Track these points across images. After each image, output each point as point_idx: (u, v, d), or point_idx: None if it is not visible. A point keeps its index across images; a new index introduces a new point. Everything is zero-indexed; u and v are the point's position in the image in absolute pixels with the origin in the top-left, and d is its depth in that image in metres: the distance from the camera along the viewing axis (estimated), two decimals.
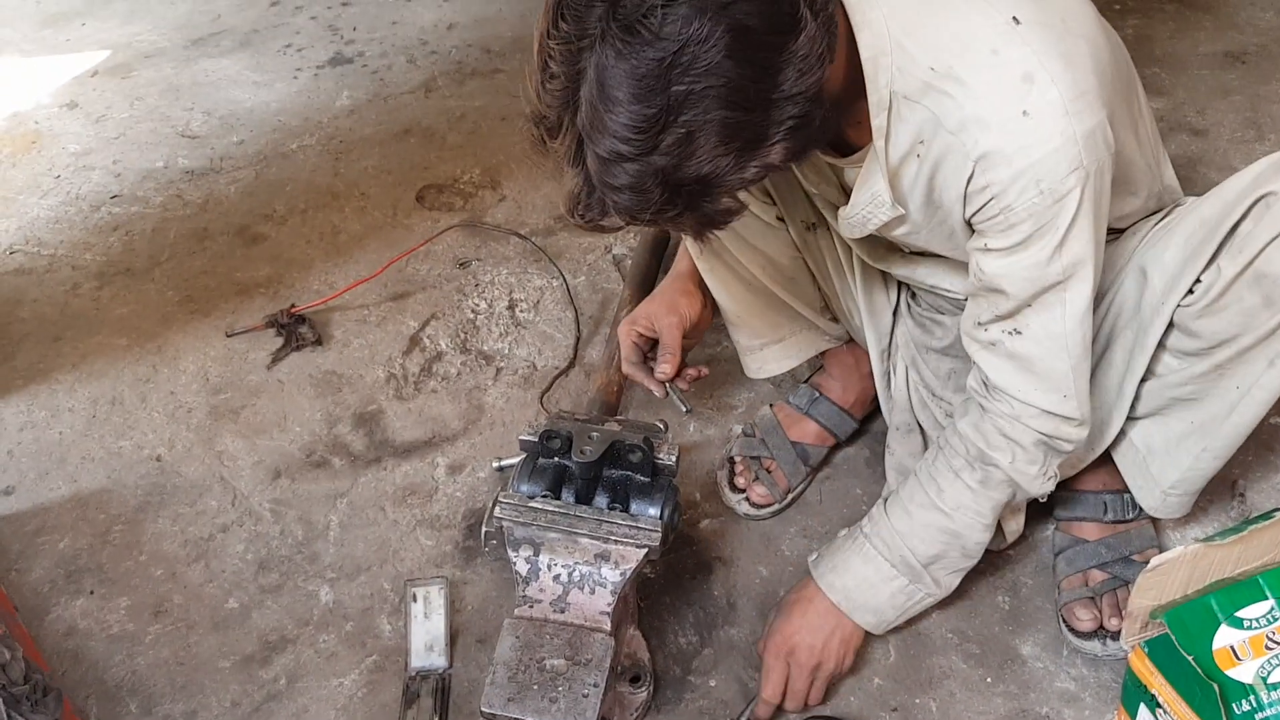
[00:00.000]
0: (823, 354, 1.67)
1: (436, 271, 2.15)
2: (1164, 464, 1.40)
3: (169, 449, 1.83)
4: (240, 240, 2.27)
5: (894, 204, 1.17)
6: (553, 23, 0.96)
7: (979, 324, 1.24)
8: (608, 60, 0.94)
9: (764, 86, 0.97)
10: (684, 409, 1.54)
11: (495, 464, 1.72)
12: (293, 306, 2.03)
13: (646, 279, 1.98)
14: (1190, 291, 1.22)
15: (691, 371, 1.54)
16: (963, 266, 1.35)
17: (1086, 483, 1.53)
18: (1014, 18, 1.07)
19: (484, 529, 1.53)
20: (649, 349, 1.55)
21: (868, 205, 1.19)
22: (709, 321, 1.59)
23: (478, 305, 2.07)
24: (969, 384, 1.32)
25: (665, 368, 1.50)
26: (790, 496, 1.66)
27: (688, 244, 1.53)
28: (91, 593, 1.61)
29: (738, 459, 1.68)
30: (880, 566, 1.38)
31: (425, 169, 2.43)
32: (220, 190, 2.41)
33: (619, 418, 1.53)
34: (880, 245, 1.39)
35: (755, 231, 1.47)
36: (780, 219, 1.48)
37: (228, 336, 2.03)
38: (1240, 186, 1.18)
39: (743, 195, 1.38)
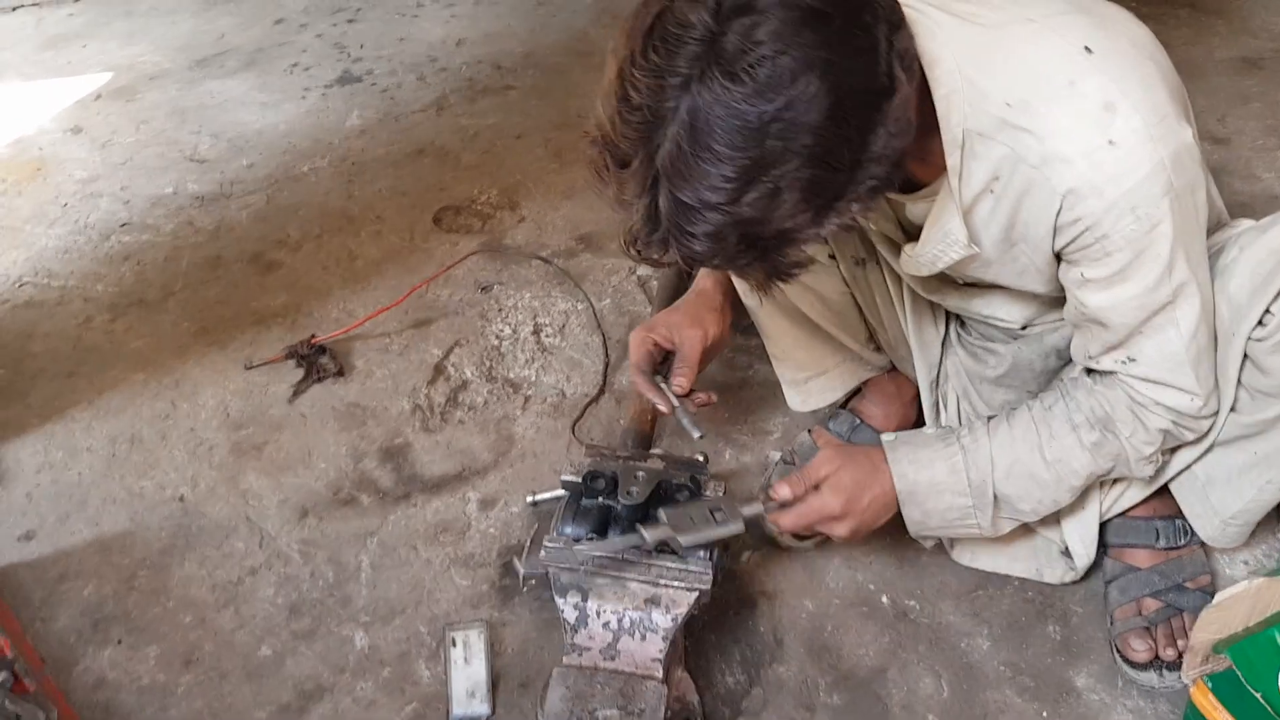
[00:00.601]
0: (863, 381, 1.63)
1: (458, 296, 2.11)
2: (1225, 494, 1.37)
3: (192, 488, 1.79)
4: (255, 268, 2.23)
5: (969, 243, 1.14)
6: (641, 52, 0.92)
7: (1090, 357, 1.22)
8: (704, 104, 0.90)
9: (855, 147, 0.94)
10: (696, 434, 1.42)
11: (530, 499, 1.68)
12: (313, 337, 2.00)
13: (675, 300, 1.94)
14: (1261, 324, 1.19)
15: (702, 396, 1.48)
16: (1020, 296, 1.32)
17: (1138, 509, 1.49)
18: (1086, 47, 1.05)
19: (522, 570, 1.49)
20: (661, 360, 1.50)
21: (939, 244, 1.16)
22: (727, 343, 1.55)
23: (502, 331, 2.03)
24: (1078, 359, 1.29)
25: (681, 380, 1.43)
26: None
27: (738, 285, 1.50)
28: (119, 642, 1.57)
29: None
30: (959, 481, 1.32)
31: (441, 190, 2.40)
32: (232, 216, 2.37)
33: (659, 453, 1.49)
34: (934, 278, 1.36)
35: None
36: (831, 256, 1.45)
37: (247, 369, 1.99)
38: None
39: None
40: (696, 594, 1.29)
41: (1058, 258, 1.16)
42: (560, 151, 2.49)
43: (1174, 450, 1.38)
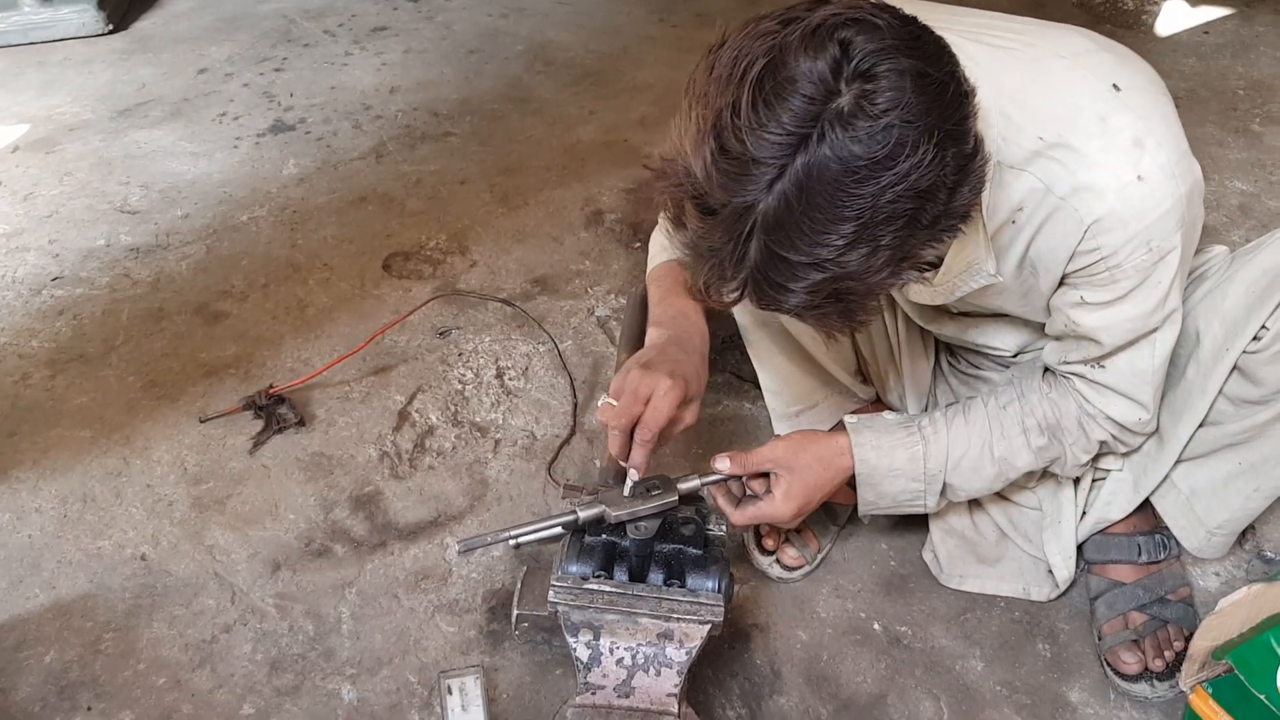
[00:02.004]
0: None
1: (416, 342, 2.08)
2: (1210, 505, 1.42)
3: (153, 546, 1.71)
4: (200, 319, 2.16)
5: (995, 272, 1.18)
6: (748, 102, 0.90)
7: (1064, 361, 1.27)
8: (820, 163, 0.89)
9: (943, 204, 0.95)
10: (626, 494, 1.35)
11: (513, 542, 1.65)
12: (271, 386, 1.94)
13: (639, 340, 1.94)
14: (1256, 339, 1.25)
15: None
16: (1015, 324, 1.37)
17: (1117, 526, 1.54)
18: (1114, 85, 1.09)
19: (515, 612, 1.46)
20: None
21: (961, 273, 1.19)
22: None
23: (464, 375, 2.01)
24: (1049, 360, 1.34)
25: (633, 474, 1.34)
26: (820, 556, 1.63)
27: (740, 321, 1.51)
28: (89, 709, 1.49)
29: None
30: (916, 468, 1.38)
31: (388, 236, 2.37)
32: (171, 267, 2.30)
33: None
34: (932, 308, 1.40)
35: None
36: None
37: (201, 422, 1.92)
38: None
39: None
40: (709, 626, 1.29)
41: (1061, 281, 1.20)
42: (506, 196, 2.48)
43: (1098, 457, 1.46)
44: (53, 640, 1.57)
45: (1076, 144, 1.09)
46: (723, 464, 1.36)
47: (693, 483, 1.36)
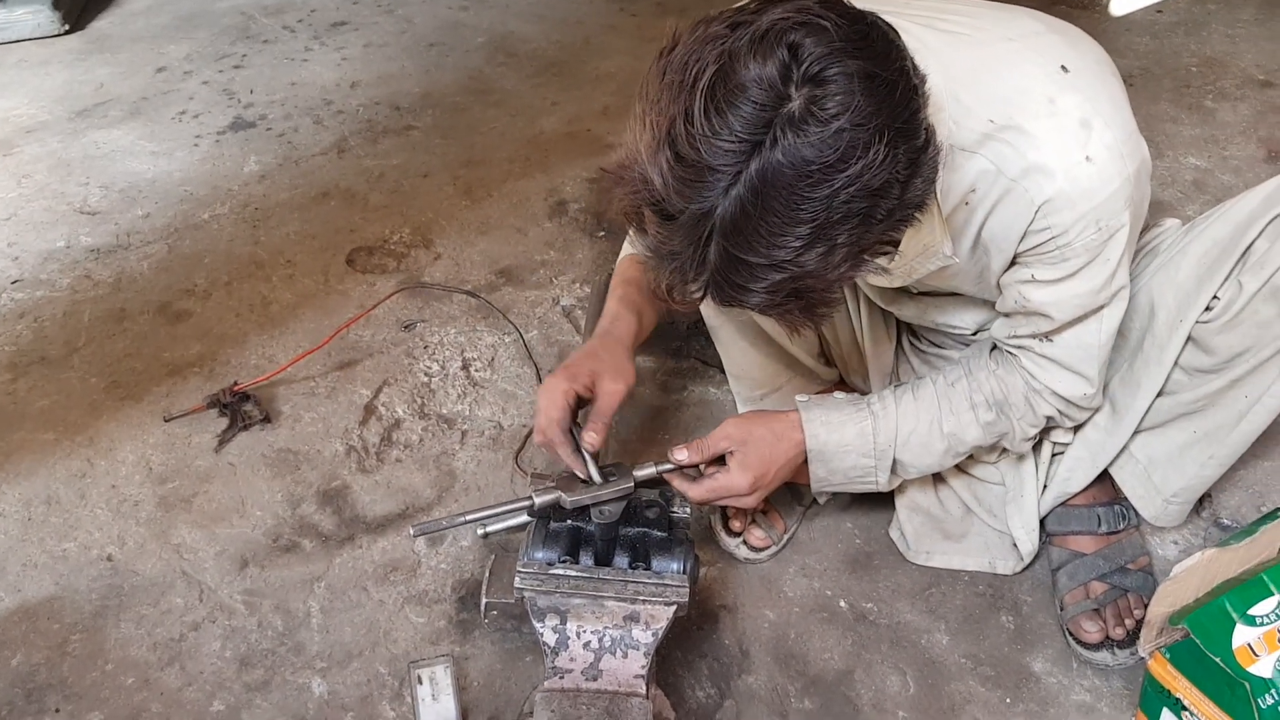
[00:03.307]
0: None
1: (381, 336, 2.08)
2: (1167, 473, 1.45)
3: (120, 547, 1.71)
4: (163, 318, 2.15)
5: (951, 254, 1.19)
6: (701, 111, 0.91)
7: (1013, 335, 1.28)
8: (773, 168, 0.90)
9: (897, 199, 0.96)
10: (598, 482, 1.35)
11: (480, 531, 1.65)
12: (235, 384, 1.93)
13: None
14: (1209, 309, 1.28)
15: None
16: (972, 303, 1.39)
17: (1077, 498, 1.56)
18: (1063, 66, 1.11)
19: (484, 600, 1.47)
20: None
21: (917, 256, 1.21)
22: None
23: (430, 368, 2.01)
24: (998, 335, 1.35)
25: (594, 438, 1.36)
26: (786, 537, 1.65)
27: (704, 310, 1.52)
28: (57, 710, 1.49)
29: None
30: (865, 444, 1.39)
31: (351, 231, 2.36)
32: (132, 267, 2.29)
33: (611, 466, 1.48)
34: (891, 289, 1.41)
35: None
36: None
37: (165, 421, 1.92)
38: (1251, 207, 1.25)
39: None
40: (674, 607, 1.30)
41: (1013, 260, 1.22)
42: (470, 188, 2.48)
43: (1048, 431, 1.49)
44: (19, 643, 1.57)
45: (1026, 126, 1.11)
46: (680, 454, 1.38)
47: (649, 470, 1.37)
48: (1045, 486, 1.55)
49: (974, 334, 1.46)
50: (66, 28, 3.24)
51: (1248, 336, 1.26)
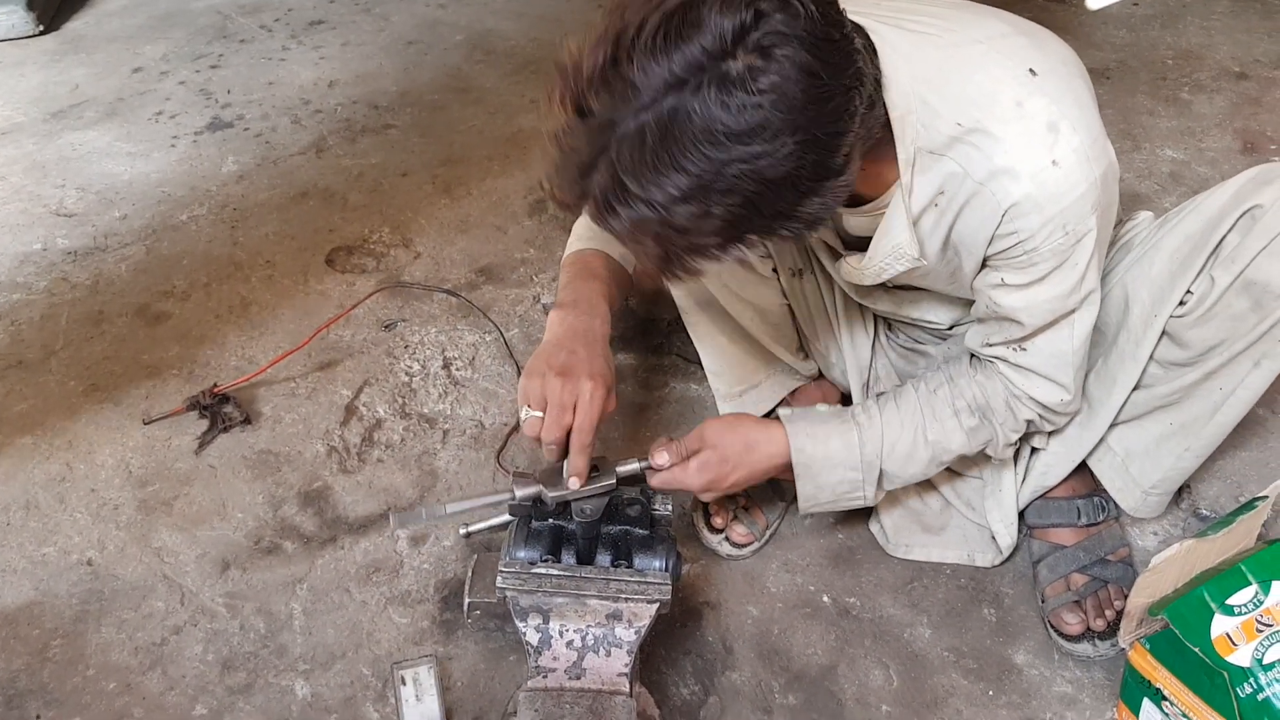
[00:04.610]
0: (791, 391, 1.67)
1: (361, 336, 2.07)
2: (1144, 465, 1.46)
3: (100, 551, 1.70)
4: (141, 320, 2.14)
5: (919, 256, 1.20)
6: (653, 29, 0.93)
7: (987, 344, 1.28)
8: (687, 112, 0.92)
9: (789, 205, 0.99)
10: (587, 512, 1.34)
11: (462, 531, 1.66)
12: (215, 386, 1.92)
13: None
14: (1182, 303, 1.28)
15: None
16: (947, 299, 1.39)
17: (1056, 490, 1.57)
18: (1030, 69, 1.11)
19: (467, 600, 1.47)
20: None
21: (887, 257, 1.21)
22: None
23: (411, 367, 2.00)
24: (973, 344, 1.36)
25: (575, 481, 1.33)
26: (769, 533, 1.65)
27: (682, 305, 1.52)
28: (39, 717, 1.48)
29: (711, 500, 1.66)
30: (852, 456, 1.39)
31: (330, 231, 2.35)
32: (110, 269, 2.27)
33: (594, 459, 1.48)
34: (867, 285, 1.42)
35: (748, 285, 1.47)
36: (774, 270, 1.48)
37: (145, 424, 1.91)
38: (1221, 201, 1.26)
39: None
40: (657, 605, 1.30)
41: (984, 263, 1.23)
42: (449, 187, 2.47)
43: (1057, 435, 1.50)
44: None
45: (993, 129, 1.11)
46: (661, 458, 1.37)
47: (631, 467, 1.37)
48: (1023, 480, 1.56)
49: (949, 329, 1.46)
50: (41, 28, 3.21)
51: (1221, 330, 1.27)
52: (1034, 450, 1.54)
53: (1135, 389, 1.40)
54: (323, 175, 2.53)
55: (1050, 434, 1.50)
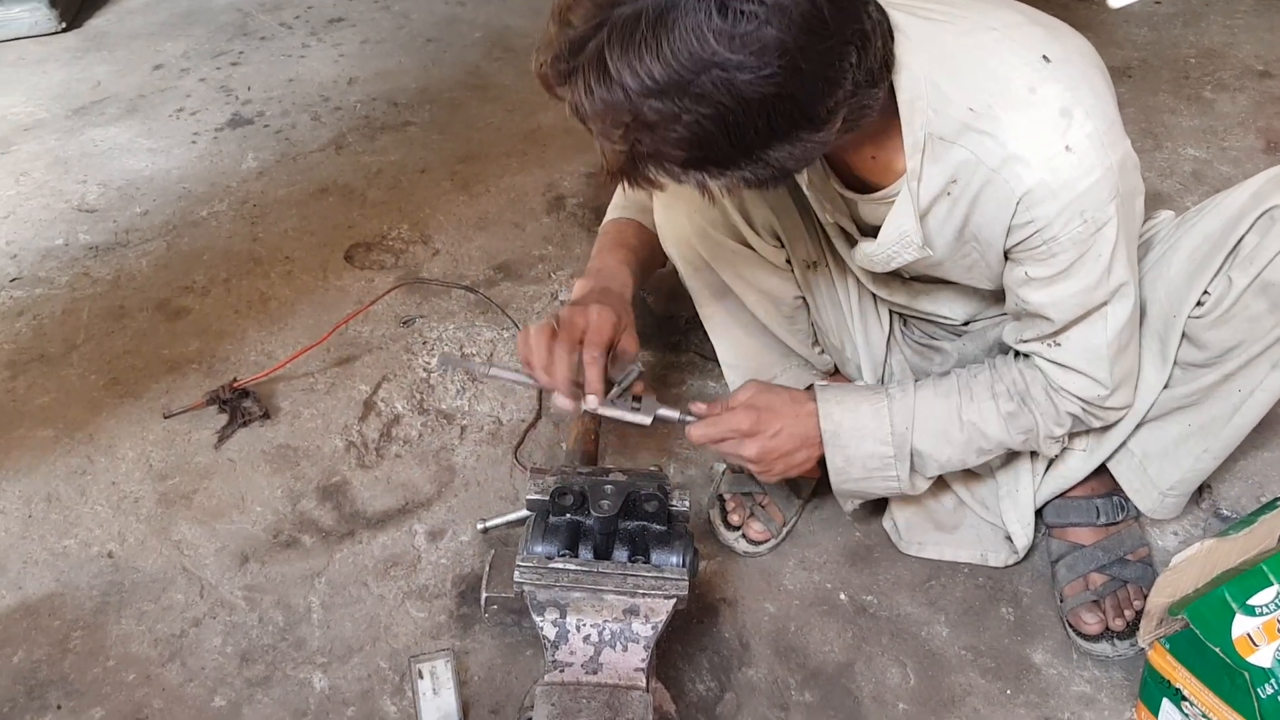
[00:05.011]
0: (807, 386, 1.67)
1: (380, 332, 2.08)
2: (1163, 467, 1.45)
3: (120, 543, 1.71)
4: (162, 315, 2.15)
5: (923, 245, 1.19)
6: None
7: (1021, 340, 1.28)
8: (686, 9, 0.93)
9: (758, 142, 1.00)
10: (645, 420, 1.38)
11: (480, 526, 1.66)
12: (234, 380, 1.94)
13: None
14: (1200, 304, 1.28)
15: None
16: (964, 293, 1.39)
17: (1075, 490, 1.56)
18: (1044, 56, 1.11)
19: (484, 595, 1.47)
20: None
21: (895, 244, 1.21)
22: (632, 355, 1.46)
23: (429, 363, 2.01)
24: (1009, 339, 1.35)
25: (593, 399, 1.35)
26: (786, 530, 1.65)
27: (698, 299, 1.53)
28: (59, 707, 1.49)
29: (728, 497, 1.66)
30: (881, 427, 1.37)
31: (349, 228, 2.36)
32: (131, 264, 2.29)
33: (612, 467, 1.49)
34: (884, 274, 1.41)
35: (763, 275, 1.47)
36: (788, 261, 1.48)
37: (165, 418, 1.92)
38: (1240, 201, 1.25)
39: (755, 242, 1.40)
40: (674, 600, 1.30)
41: (1005, 256, 1.22)
42: (468, 184, 2.48)
43: (1087, 433, 1.47)
44: (20, 640, 1.57)
45: (1005, 115, 1.11)
46: (701, 407, 1.38)
47: (672, 414, 1.38)
48: (1043, 480, 1.55)
49: (964, 325, 1.46)
50: (64, 25, 3.24)
51: (1239, 331, 1.26)
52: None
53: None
54: (342, 172, 2.54)
55: (1086, 433, 1.49)
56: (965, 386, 1.37)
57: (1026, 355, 1.35)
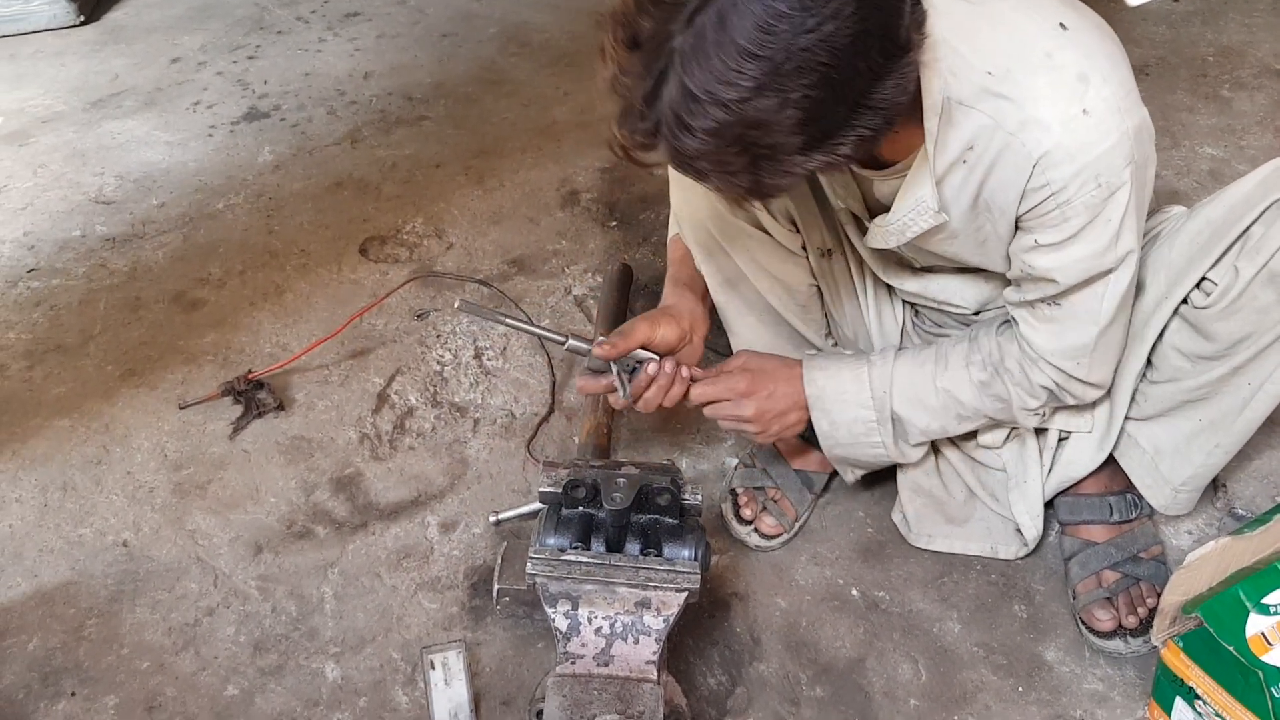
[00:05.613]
0: None
1: (394, 325, 2.09)
2: (1174, 463, 1.44)
3: (135, 533, 1.72)
4: (178, 307, 2.16)
5: (939, 211, 1.19)
6: None
7: (1022, 299, 1.30)
8: (744, 2, 0.90)
9: (863, 88, 0.97)
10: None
11: (492, 518, 1.66)
12: (249, 372, 1.94)
13: (615, 318, 1.95)
14: (1205, 294, 1.27)
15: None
16: (974, 279, 1.39)
17: (1088, 486, 1.56)
18: (1061, 23, 1.11)
19: (496, 586, 1.47)
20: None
21: (910, 212, 1.21)
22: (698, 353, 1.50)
23: (442, 356, 2.02)
24: (1009, 298, 1.35)
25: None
26: (798, 525, 1.65)
27: (711, 286, 1.53)
28: (73, 694, 1.50)
29: (740, 491, 1.66)
30: (862, 391, 1.42)
31: (364, 221, 2.37)
32: (147, 256, 2.30)
33: (624, 460, 1.49)
34: (893, 261, 1.42)
35: (777, 261, 1.47)
36: (803, 247, 1.48)
37: (180, 408, 1.93)
38: (1246, 191, 1.25)
39: (770, 226, 1.40)
40: (686, 594, 1.30)
41: (1016, 225, 1.22)
42: (482, 178, 2.48)
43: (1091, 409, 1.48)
44: (35, 628, 1.58)
45: (1023, 79, 1.11)
46: (697, 371, 1.44)
47: (584, 345, 1.41)
48: (1049, 471, 1.54)
49: (975, 313, 1.45)
50: (82, 19, 3.25)
51: (1247, 323, 1.26)
52: (1060, 441, 1.53)
53: (1162, 382, 1.39)
54: (357, 166, 2.55)
55: (1073, 415, 1.49)
56: (942, 356, 1.40)
57: (1009, 327, 1.36)
